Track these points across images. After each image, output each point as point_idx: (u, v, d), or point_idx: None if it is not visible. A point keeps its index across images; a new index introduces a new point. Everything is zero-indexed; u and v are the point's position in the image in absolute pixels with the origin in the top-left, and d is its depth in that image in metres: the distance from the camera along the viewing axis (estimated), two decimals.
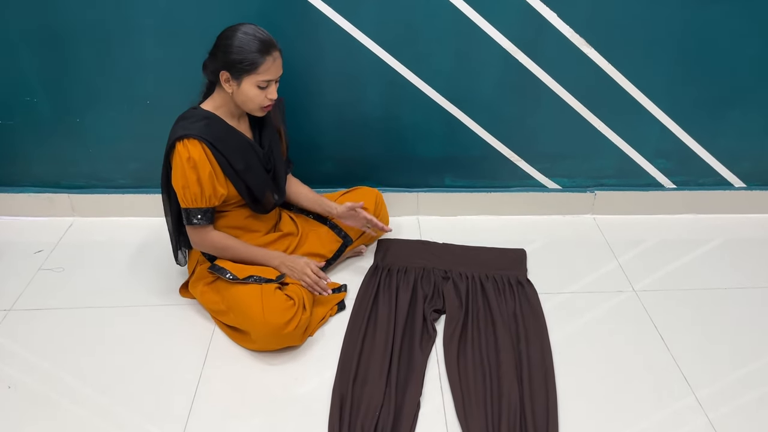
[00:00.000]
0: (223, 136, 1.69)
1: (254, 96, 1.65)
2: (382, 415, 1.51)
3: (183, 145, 1.63)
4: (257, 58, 1.60)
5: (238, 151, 1.72)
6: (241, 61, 1.60)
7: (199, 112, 1.70)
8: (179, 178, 1.65)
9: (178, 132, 1.64)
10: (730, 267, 2.10)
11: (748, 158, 2.28)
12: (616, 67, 2.06)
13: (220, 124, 1.70)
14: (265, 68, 1.62)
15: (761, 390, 1.63)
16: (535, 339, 1.74)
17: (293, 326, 1.65)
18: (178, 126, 1.67)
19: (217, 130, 1.69)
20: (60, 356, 1.71)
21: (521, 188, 2.33)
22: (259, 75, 1.62)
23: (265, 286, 1.69)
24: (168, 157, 1.68)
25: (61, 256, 2.11)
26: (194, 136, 1.63)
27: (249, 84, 1.63)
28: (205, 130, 1.65)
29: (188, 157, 1.62)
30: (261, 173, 1.80)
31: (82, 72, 2.02)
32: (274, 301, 1.66)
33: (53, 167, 2.24)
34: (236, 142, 1.73)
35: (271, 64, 1.63)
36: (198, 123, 1.66)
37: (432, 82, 2.07)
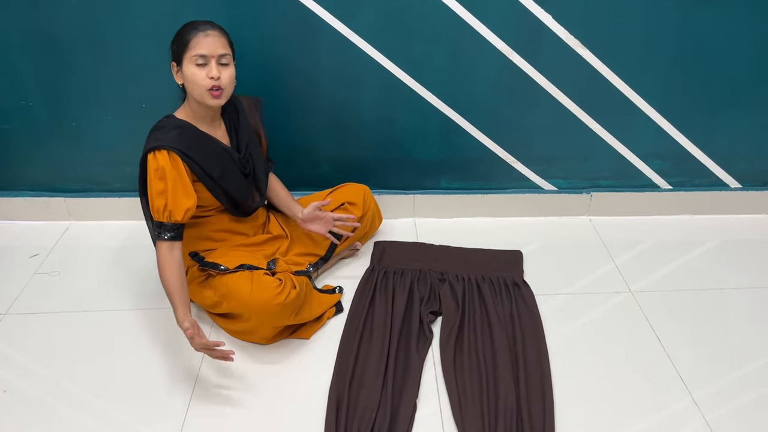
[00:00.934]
0: (196, 143, 1.67)
1: (195, 77, 1.60)
2: (379, 417, 1.51)
3: (153, 157, 1.61)
4: (186, 34, 1.60)
5: (212, 158, 1.70)
6: (177, 43, 1.61)
7: (172, 121, 1.69)
8: (151, 190, 1.63)
9: (151, 143, 1.63)
10: (726, 268, 2.10)
11: (743, 159, 2.29)
12: (611, 69, 2.06)
13: (192, 131, 1.69)
14: (195, 42, 1.58)
15: (758, 391, 1.63)
16: (531, 340, 1.74)
17: (283, 297, 1.64)
18: (151, 137, 1.65)
19: (190, 138, 1.67)
20: (56, 360, 1.71)
21: (517, 190, 2.33)
22: (191, 50, 1.59)
23: (255, 271, 1.69)
24: (140, 168, 1.66)
25: (57, 260, 2.11)
26: (165, 147, 1.61)
27: (187, 65, 1.61)
28: (177, 140, 1.63)
29: (157, 168, 1.61)
30: (238, 178, 1.79)
31: (78, 75, 2.02)
32: (263, 280, 1.66)
33: (49, 171, 2.24)
34: (210, 148, 1.71)
35: (202, 38, 1.59)
36: (170, 132, 1.64)
37: (428, 84, 2.08)
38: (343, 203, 2.05)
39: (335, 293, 1.94)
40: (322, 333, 1.81)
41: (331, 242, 2.00)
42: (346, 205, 2.05)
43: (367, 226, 2.13)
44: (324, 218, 1.93)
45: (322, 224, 1.94)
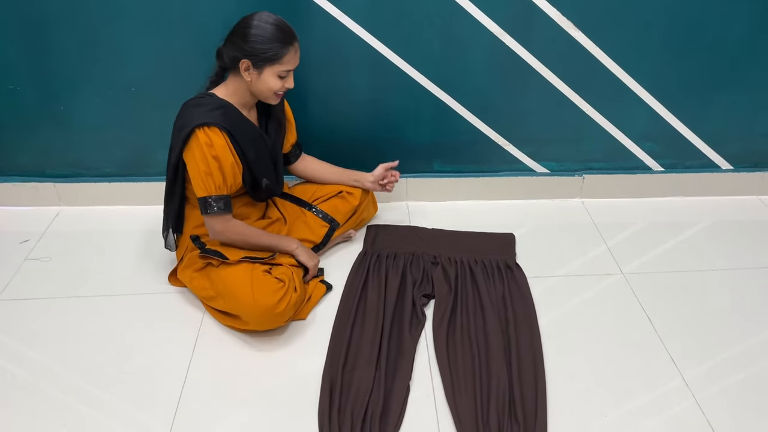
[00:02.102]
0: (238, 125, 1.69)
1: (273, 85, 1.67)
2: (372, 400, 1.51)
3: (204, 133, 1.61)
4: (281, 48, 1.62)
5: (249, 141, 1.73)
6: (265, 50, 1.61)
7: (214, 99, 1.69)
8: (200, 165, 1.63)
9: (198, 119, 1.62)
10: (717, 249, 2.11)
11: (735, 140, 2.29)
12: (603, 51, 2.05)
13: (234, 112, 1.70)
14: (288, 58, 1.65)
15: (748, 371, 1.65)
16: (523, 322, 1.75)
17: (284, 306, 1.65)
18: (195, 112, 1.64)
19: (233, 119, 1.68)
20: (48, 346, 1.70)
21: (510, 173, 2.33)
22: (282, 65, 1.64)
23: (255, 269, 1.69)
24: (183, 142, 1.64)
25: (47, 246, 2.09)
26: (215, 125, 1.62)
27: (270, 73, 1.65)
28: (223, 119, 1.64)
29: (210, 144, 1.62)
30: (268, 163, 1.82)
31: (65, 58, 2.00)
32: (264, 283, 1.67)
33: (38, 156, 2.21)
34: (248, 131, 1.73)
35: (293, 54, 1.66)
36: (215, 111, 1.65)
37: (419, 66, 2.06)
38: (341, 191, 2.05)
39: (318, 275, 1.93)
40: (315, 317, 1.81)
41: (327, 230, 2.00)
42: (343, 193, 2.05)
43: (363, 215, 2.13)
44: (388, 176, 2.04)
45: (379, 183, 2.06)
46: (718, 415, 1.52)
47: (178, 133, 1.66)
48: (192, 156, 1.64)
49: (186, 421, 1.51)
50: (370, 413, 1.48)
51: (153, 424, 1.50)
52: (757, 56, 2.10)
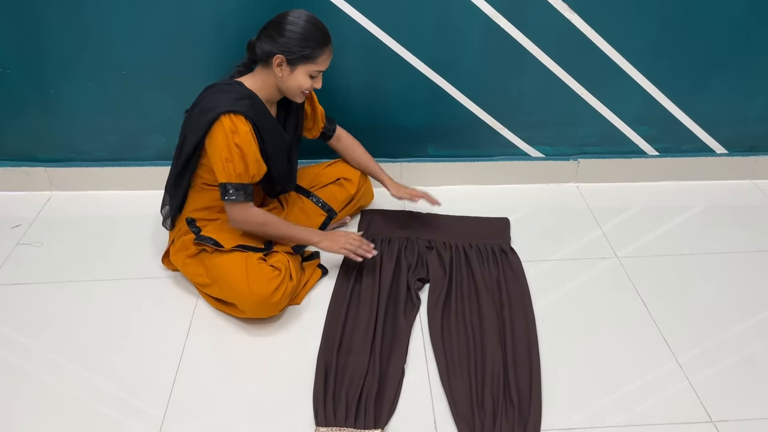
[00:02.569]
0: (262, 117, 1.69)
1: (303, 83, 1.67)
2: (367, 383, 1.51)
3: (230, 120, 1.60)
4: (318, 48, 1.63)
5: (270, 135, 1.72)
6: (303, 48, 1.61)
7: (242, 88, 1.67)
8: (223, 151, 1.61)
9: (225, 105, 1.60)
10: (711, 233, 2.11)
11: (729, 124, 2.29)
12: (599, 33, 2.04)
13: (260, 105, 1.69)
14: (323, 60, 1.66)
15: (741, 354, 1.65)
16: (518, 306, 1.75)
17: (280, 295, 1.65)
18: (222, 98, 1.62)
19: (258, 111, 1.68)
20: (40, 331, 1.70)
21: (504, 157, 2.32)
22: (316, 65, 1.65)
23: (250, 257, 1.68)
24: (207, 126, 1.61)
25: (39, 231, 2.08)
26: (242, 113, 1.61)
27: (302, 72, 1.65)
28: (249, 110, 1.64)
29: (235, 131, 1.60)
30: (284, 159, 1.82)
31: (55, 41, 1.97)
32: (259, 272, 1.66)
33: (29, 140, 2.19)
34: (271, 125, 1.73)
35: (328, 56, 1.68)
36: (243, 100, 1.63)
37: (413, 49, 2.05)
38: (339, 178, 2.04)
39: (315, 259, 1.93)
40: (310, 301, 1.80)
41: (324, 219, 2.00)
42: (341, 181, 2.04)
43: (360, 202, 2.13)
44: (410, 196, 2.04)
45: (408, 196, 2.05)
46: (712, 398, 1.53)
47: (200, 115, 1.63)
48: (215, 141, 1.62)
49: (180, 405, 1.50)
50: (365, 397, 1.48)
51: (147, 408, 1.49)
52: (752, 40, 2.09)
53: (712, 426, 1.46)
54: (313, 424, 1.45)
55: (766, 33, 2.08)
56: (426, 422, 1.47)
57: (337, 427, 1.42)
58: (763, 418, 1.48)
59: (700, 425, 1.46)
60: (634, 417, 1.48)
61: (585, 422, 1.47)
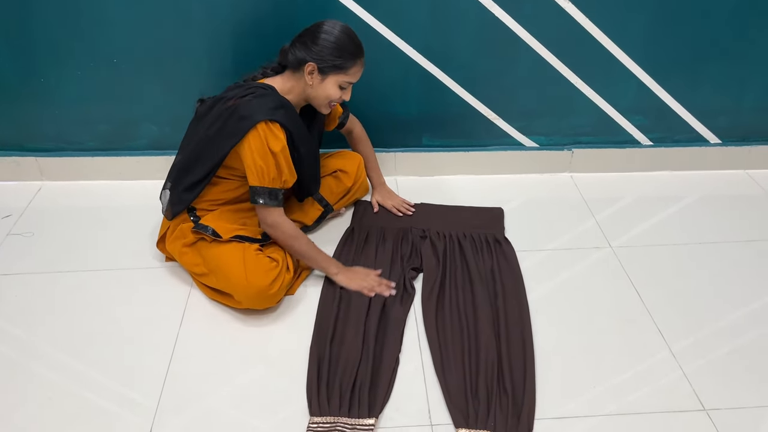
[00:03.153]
0: (296, 125, 1.69)
1: (333, 94, 1.67)
2: (360, 373, 1.51)
3: (269, 128, 1.60)
4: (351, 59, 1.64)
5: (302, 142, 1.73)
6: (336, 58, 1.62)
7: (276, 95, 1.67)
8: (258, 158, 1.61)
9: (263, 113, 1.59)
10: (705, 223, 2.11)
11: (723, 114, 2.28)
12: (594, 23, 2.03)
13: (293, 113, 1.70)
14: (354, 71, 1.67)
15: (734, 343, 1.66)
16: (512, 295, 1.74)
17: (277, 286, 1.65)
18: (259, 104, 1.61)
19: (293, 119, 1.68)
20: (32, 322, 1.68)
21: (499, 147, 2.31)
22: (347, 76, 1.66)
23: (247, 248, 1.68)
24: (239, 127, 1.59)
25: (30, 221, 2.06)
26: (280, 122, 1.62)
27: (333, 82, 1.66)
28: (285, 118, 1.64)
29: (272, 139, 1.60)
30: (313, 164, 1.83)
31: (45, 28, 1.95)
32: (257, 263, 1.65)
33: (18, 130, 2.17)
34: (302, 132, 1.73)
35: (359, 68, 1.68)
36: (279, 109, 1.63)
37: (407, 37, 2.03)
38: (336, 170, 2.04)
39: None
40: (304, 290, 1.80)
41: (319, 215, 1.99)
42: (338, 173, 2.04)
43: (355, 195, 2.12)
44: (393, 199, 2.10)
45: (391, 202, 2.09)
46: (705, 387, 1.53)
47: (237, 120, 1.60)
48: (251, 147, 1.60)
49: (173, 395, 1.49)
50: (358, 386, 1.48)
51: (140, 399, 1.48)
52: (745, 30, 2.09)
53: (704, 414, 1.47)
54: (307, 414, 1.44)
55: (759, 23, 2.08)
56: (420, 411, 1.46)
57: (332, 417, 1.42)
58: (755, 407, 1.49)
59: (693, 413, 1.47)
60: (627, 405, 1.48)
61: (579, 411, 1.47)
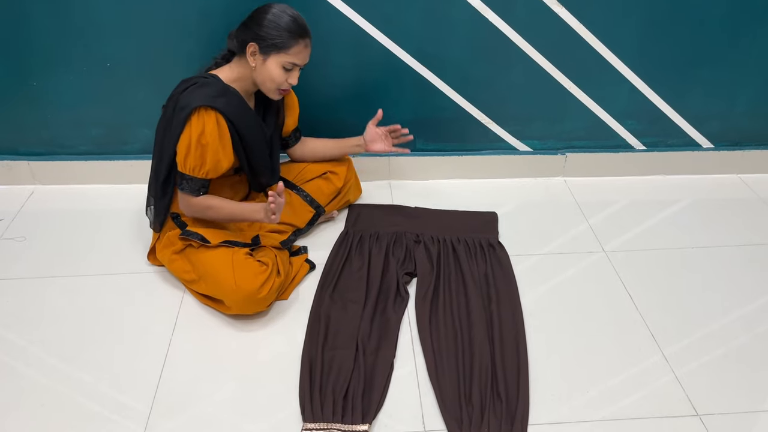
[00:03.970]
0: (241, 113, 1.68)
1: (276, 76, 1.65)
2: (354, 378, 1.51)
3: (199, 116, 1.59)
4: (291, 38, 1.61)
5: (249, 129, 1.71)
6: (274, 36, 1.60)
7: (218, 82, 1.66)
8: (184, 145, 1.62)
9: (198, 99, 1.59)
10: (697, 227, 2.12)
11: (715, 119, 2.29)
12: (587, 27, 2.04)
13: (239, 100, 1.68)
14: (296, 51, 1.63)
15: (727, 347, 1.66)
16: (506, 300, 1.74)
17: (267, 290, 1.64)
18: (199, 93, 1.61)
19: (236, 106, 1.67)
20: (24, 326, 1.67)
21: (492, 151, 2.32)
22: (288, 56, 1.63)
23: (236, 253, 1.67)
24: (179, 119, 1.61)
25: (22, 225, 2.05)
26: (215, 109, 1.60)
27: (275, 62, 1.63)
28: (226, 105, 1.63)
29: (201, 131, 1.60)
30: (264, 153, 1.80)
31: (38, 32, 1.94)
32: (246, 268, 1.64)
33: (10, 133, 2.16)
34: (250, 120, 1.72)
35: (302, 48, 1.64)
36: (220, 98, 1.62)
37: (401, 41, 2.04)
38: (325, 172, 2.03)
39: (302, 254, 1.92)
40: (297, 295, 1.79)
41: (312, 216, 1.98)
42: (328, 174, 2.03)
43: (347, 196, 2.11)
44: (382, 134, 2.00)
45: (383, 142, 2.00)
46: (697, 391, 1.53)
47: (178, 112, 1.61)
48: (183, 134, 1.62)
49: (166, 401, 1.49)
50: (352, 392, 1.48)
51: (133, 404, 1.48)
52: (737, 34, 2.10)
53: (697, 419, 1.47)
54: (300, 420, 1.44)
55: (751, 29, 2.09)
56: (414, 417, 1.46)
57: (325, 423, 1.41)
58: (748, 412, 1.49)
59: (685, 419, 1.47)
60: (620, 410, 1.48)
61: (572, 416, 1.47)
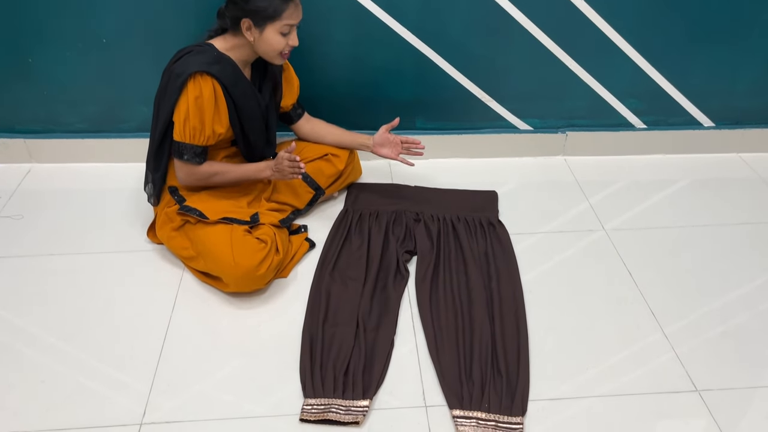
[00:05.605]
0: (236, 81, 1.68)
1: (276, 43, 1.64)
2: (354, 355, 1.51)
3: (195, 81, 1.60)
4: (281, 4, 1.59)
5: (245, 98, 1.71)
6: (265, 8, 1.59)
7: (214, 50, 1.66)
8: (182, 112, 1.62)
9: (194, 66, 1.60)
10: (697, 206, 2.12)
11: (717, 97, 2.28)
12: (589, 4, 2.02)
13: (234, 68, 1.68)
14: (288, 14, 1.62)
15: (726, 324, 1.67)
16: (506, 278, 1.74)
17: (265, 268, 1.64)
18: (194, 60, 1.62)
19: (231, 74, 1.66)
20: (22, 305, 1.67)
21: (493, 130, 2.30)
22: (282, 21, 1.62)
23: (235, 230, 1.66)
24: (175, 86, 1.61)
25: (19, 203, 2.04)
26: (210, 74, 1.60)
27: (272, 31, 1.62)
28: (221, 72, 1.63)
29: (198, 95, 1.60)
30: (260, 123, 1.79)
31: (33, 7, 1.91)
32: (245, 245, 1.64)
33: (6, 111, 2.14)
34: (245, 89, 1.71)
35: (293, 9, 1.63)
36: (215, 64, 1.63)
37: (401, 18, 2.01)
38: (326, 154, 2.01)
39: (302, 232, 1.91)
40: (296, 273, 1.79)
41: (312, 197, 1.97)
42: (329, 156, 2.01)
43: (348, 179, 2.10)
44: (393, 141, 1.95)
45: (392, 148, 1.96)
46: (697, 367, 1.54)
47: (174, 80, 1.61)
48: (179, 101, 1.62)
49: (166, 379, 1.49)
50: (352, 368, 1.48)
51: (132, 383, 1.48)
52: (739, 15, 2.08)
53: (697, 395, 1.48)
54: (302, 396, 1.44)
55: (752, 8, 2.07)
56: (414, 393, 1.47)
57: (326, 398, 1.42)
58: (746, 387, 1.50)
59: (685, 394, 1.48)
60: (620, 386, 1.49)
61: (572, 392, 1.48)
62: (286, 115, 1.96)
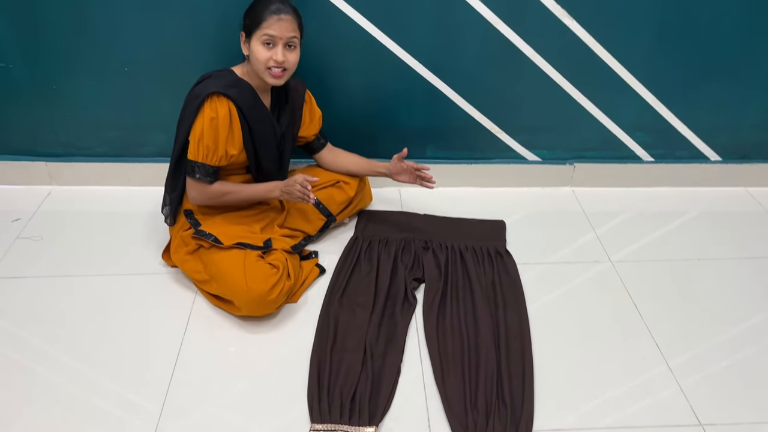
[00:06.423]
0: (252, 105, 1.72)
1: (259, 54, 1.66)
2: (361, 381, 1.53)
3: (212, 102, 1.65)
4: (261, 12, 1.64)
5: (260, 123, 1.75)
6: (251, 17, 1.65)
7: (232, 75, 1.72)
8: (197, 131, 1.67)
9: (211, 87, 1.65)
10: (704, 239, 2.13)
11: (724, 132, 2.31)
12: (597, 40, 2.06)
13: (251, 93, 1.73)
14: (269, 23, 1.63)
15: (732, 358, 1.67)
16: (512, 307, 1.76)
17: (276, 293, 1.66)
18: (210, 82, 1.68)
19: (249, 98, 1.71)
20: (39, 325, 1.71)
21: (502, 160, 2.34)
22: (262, 30, 1.64)
23: (248, 255, 1.70)
24: (193, 106, 1.67)
25: (39, 225, 2.09)
26: (226, 96, 1.66)
27: (256, 41, 1.66)
28: (238, 96, 1.68)
29: (213, 116, 1.65)
30: (273, 150, 1.83)
31: (58, 36, 1.98)
32: (257, 270, 1.67)
33: (29, 135, 2.20)
34: (261, 114, 1.76)
35: (275, 20, 1.63)
36: (232, 87, 1.68)
37: (413, 51, 2.06)
38: (338, 181, 2.05)
39: (312, 258, 1.95)
40: (306, 299, 1.82)
41: (323, 224, 2.01)
42: (340, 183, 2.04)
43: (359, 205, 2.13)
44: (407, 168, 1.99)
45: (408, 174, 2.00)
46: (701, 402, 1.55)
47: (192, 101, 1.68)
48: (196, 121, 1.67)
49: (177, 401, 1.51)
50: (359, 395, 1.50)
51: (144, 404, 1.50)
52: (746, 48, 2.11)
53: (700, 429, 1.48)
54: (308, 421, 1.46)
55: (760, 44, 2.10)
56: (419, 420, 1.48)
57: (332, 424, 1.44)
58: (751, 423, 1.50)
59: (689, 428, 1.48)
60: (624, 419, 1.50)
61: (576, 423, 1.49)
62: (309, 145, 2.01)
